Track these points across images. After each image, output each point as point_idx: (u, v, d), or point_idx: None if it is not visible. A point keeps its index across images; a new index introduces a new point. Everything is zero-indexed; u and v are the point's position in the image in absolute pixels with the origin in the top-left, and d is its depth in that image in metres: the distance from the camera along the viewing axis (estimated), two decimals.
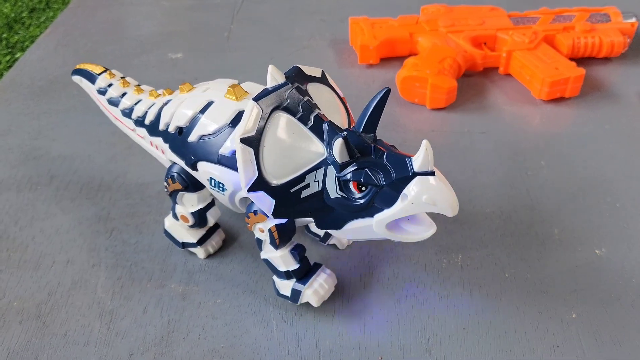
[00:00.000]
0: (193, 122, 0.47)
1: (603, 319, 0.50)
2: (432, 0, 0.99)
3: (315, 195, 0.42)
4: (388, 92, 0.41)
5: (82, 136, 0.75)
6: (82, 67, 0.58)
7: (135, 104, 0.54)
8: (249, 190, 0.41)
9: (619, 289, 0.53)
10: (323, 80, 0.45)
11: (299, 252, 0.49)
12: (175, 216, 0.55)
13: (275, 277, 0.51)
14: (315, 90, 0.43)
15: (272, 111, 0.40)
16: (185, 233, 0.55)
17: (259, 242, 0.48)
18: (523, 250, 0.57)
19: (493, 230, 0.59)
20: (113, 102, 0.55)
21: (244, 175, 0.40)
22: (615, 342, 0.49)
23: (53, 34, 1.00)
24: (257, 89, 0.48)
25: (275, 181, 0.41)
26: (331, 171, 0.41)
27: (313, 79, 0.44)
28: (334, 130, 0.40)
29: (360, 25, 0.88)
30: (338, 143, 0.38)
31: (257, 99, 0.40)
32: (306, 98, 0.41)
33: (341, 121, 0.44)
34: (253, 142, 0.40)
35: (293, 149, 0.41)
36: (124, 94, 0.55)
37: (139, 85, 0.56)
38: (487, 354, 0.48)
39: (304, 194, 0.42)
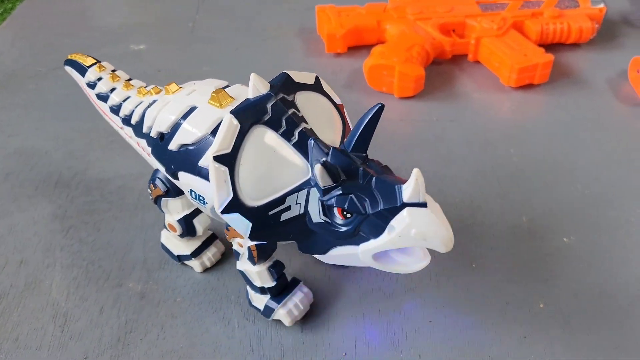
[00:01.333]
0: (174, 128, 0.43)
1: (571, 308, 0.50)
2: None
3: (297, 219, 0.39)
4: (381, 108, 0.38)
5: (40, 132, 0.72)
6: (73, 57, 0.54)
7: (124, 100, 0.50)
8: (223, 212, 0.37)
9: (586, 277, 0.52)
10: (316, 87, 0.41)
11: (277, 270, 0.46)
12: (166, 227, 0.52)
13: (248, 288, 0.48)
14: (306, 100, 0.40)
15: (251, 125, 0.37)
16: (180, 245, 0.52)
17: (237, 254, 0.46)
18: (492, 240, 0.56)
19: (462, 220, 0.58)
20: (102, 98, 0.51)
21: (217, 196, 0.37)
22: (584, 331, 0.48)
23: (10, 27, 0.97)
24: (245, 92, 0.42)
25: (252, 203, 0.37)
26: (314, 193, 0.38)
27: (304, 86, 0.40)
28: (319, 149, 0.37)
29: (327, 14, 0.86)
30: (318, 169, 0.35)
31: (235, 111, 0.37)
32: (291, 111, 0.38)
33: (333, 136, 0.41)
34: (228, 160, 0.36)
35: (273, 168, 0.37)
36: (113, 89, 0.51)
37: (129, 79, 0.52)
38: (453, 347, 0.47)
39: (284, 216, 0.38)
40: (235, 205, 0.37)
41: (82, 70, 0.53)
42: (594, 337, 0.47)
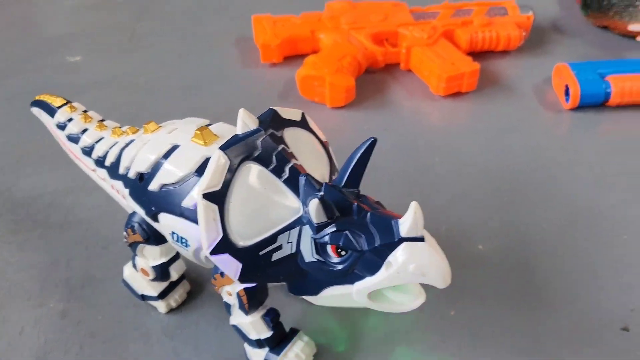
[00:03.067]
0: (155, 168, 0.41)
1: (480, 315, 0.52)
2: None
3: (288, 258, 0.37)
4: (373, 143, 0.37)
5: None
6: (41, 98, 0.53)
7: (97, 142, 0.48)
8: (212, 253, 0.36)
9: (496, 283, 0.54)
10: (302, 124, 0.41)
11: (272, 318, 0.44)
12: (135, 266, 0.50)
13: (246, 345, 0.46)
14: (294, 137, 0.39)
15: (241, 161, 0.36)
16: (145, 284, 0.51)
17: (227, 306, 0.44)
18: None
19: None
20: (73, 139, 0.50)
21: (206, 236, 0.35)
22: (492, 337, 0.50)
23: None
24: (229, 131, 0.42)
25: (242, 242, 0.36)
26: (307, 231, 0.36)
27: (291, 122, 0.40)
28: (311, 185, 0.36)
29: (263, 24, 0.87)
30: (314, 204, 0.34)
31: (224, 147, 0.36)
32: (281, 146, 0.37)
33: (322, 172, 0.41)
34: (218, 197, 0.35)
35: (264, 206, 0.36)
36: (84, 130, 0.49)
37: (102, 120, 0.51)
38: (367, 356, 0.48)
39: (275, 256, 0.37)
40: (225, 245, 0.36)
41: (51, 111, 0.52)
42: (502, 344, 0.49)
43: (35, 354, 0.49)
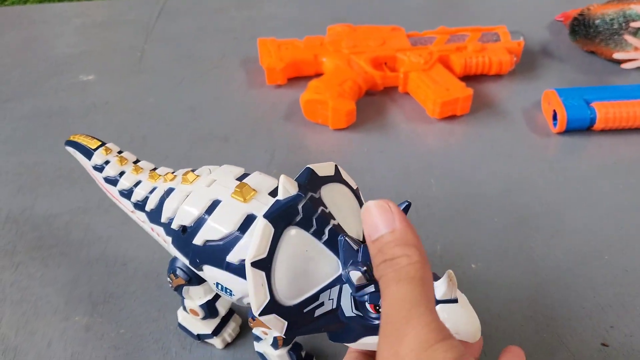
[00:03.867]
0: (198, 223, 0.43)
1: None
2: (339, 19, 1.03)
3: (330, 313, 0.40)
4: (408, 206, 0.40)
5: None
6: (76, 139, 0.55)
7: (135, 185, 0.50)
8: (260, 314, 0.38)
9: (486, 300, 0.59)
10: (337, 177, 0.42)
11: (296, 354, 0.48)
12: (185, 309, 0.53)
13: None
14: (329, 192, 0.41)
15: (284, 228, 0.37)
16: (199, 325, 0.53)
17: (256, 336, 0.48)
18: None
19: None
20: (110, 181, 0.52)
21: (255, 300, 0.37)
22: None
23: None
24: (265, 182, 0.44)
25: (287, 302, 0.38)
26: (346, 288, 0.39)
27: (327, 179, 0.41)
28: (349, 246, 0.38)
29: (268, 47, 0.91)
30: (355, 275, 0.36)
31: (268, 216, 0.37)
32: (320, 209, 0.39)
33: (357, 227, 0.42)
34: (264, 264, 0.37)
35: (307, 267, 0.38)
36: (122, 173, 0.51)
37: (137, 161, 0.53)
38: None
39: (318, 312, 0.39)
40: (272, 306, 0.38)
41: (88, 153, 0.53)
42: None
43: None
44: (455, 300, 0.37)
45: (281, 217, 0.37)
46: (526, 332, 0.56)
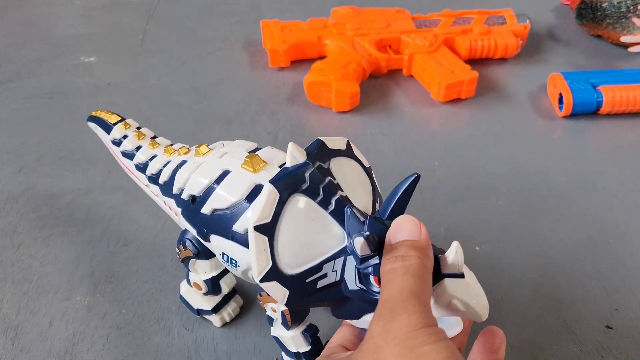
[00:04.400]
0: (207, 192, 0.43)
1: None
2: (343, 2, 1.02)
3: (333, 285, 0.39)
4: (417, 178, 0.39)
5: None
6: (97, 115, 0.56)
7: (150, 159, 0.51)
8: (261, 281, 0.37)
9: (491, 283, 0.58)
10: (347, 152, 0.42)
11: (311, 334, 0.47)
12: (189, 282, 0.53)
13: (284, 354, 0.49)
14: (339, 166, 0.41)
15: (290, 194, 0.37)
16: (200, 300, 0.53)
17: (270, 319, 0.47)
18: None
19: None
20: (127, 155, 0.52)
21: (257, 265, 0.37)
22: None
23: None
24: (276, 156, 0.44)
25: (290, 270, 0.38)
26: (351, 261, 0.38)
27: (337, 152, 0.41)
28: (356, 217, 0.37)
29: (271, 29, 0.90)
30: (359, 242, 0.36)
31: (274, 181, 0.37)
32: (328, 179, 0.38)
33: (365, 201, 0.41)
34: (268, 229, 0.37)
35: (311, 236, 0.38)
36: (138, 147, 0.52)
37: (154, 137, 0.53)
38: None
39: (321, 284, 0.38)
40: (273, 273, 0.37)
41: (107, 127, 0.54)
42: None
43: (65, 345, 0.53)
44: (462, 275, 0.36)
45: (287, 183, 0.37)
46: (530, 315, 0.56)
